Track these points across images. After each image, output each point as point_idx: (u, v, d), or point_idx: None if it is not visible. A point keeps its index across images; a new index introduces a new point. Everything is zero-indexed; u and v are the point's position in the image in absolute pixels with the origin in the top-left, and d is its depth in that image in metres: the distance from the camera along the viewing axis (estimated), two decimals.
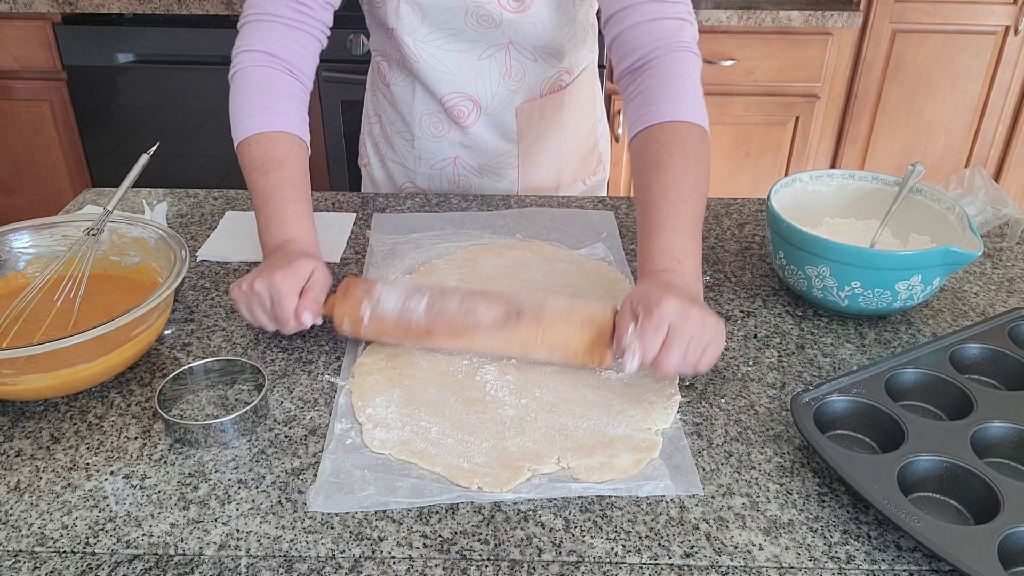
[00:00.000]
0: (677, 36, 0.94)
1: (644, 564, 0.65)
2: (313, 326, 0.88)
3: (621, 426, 0.78)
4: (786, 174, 2.33)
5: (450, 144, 1.22)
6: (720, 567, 0.65)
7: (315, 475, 0.73)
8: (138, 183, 0.98)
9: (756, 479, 0.73)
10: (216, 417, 0.78)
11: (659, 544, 0.67)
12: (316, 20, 1.03)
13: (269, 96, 0.98)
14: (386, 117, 1.26)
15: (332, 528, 0.68)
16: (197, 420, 0.78)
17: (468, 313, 0.83)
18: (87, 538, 0.67)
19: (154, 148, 0.97)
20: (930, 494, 0.71)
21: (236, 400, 0.82)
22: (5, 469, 0.74)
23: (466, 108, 1.17)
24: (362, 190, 1.39)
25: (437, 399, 0.81)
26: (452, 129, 1.20)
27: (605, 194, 1.40)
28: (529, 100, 1.19)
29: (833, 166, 2.60)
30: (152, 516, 0.69)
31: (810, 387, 0.79)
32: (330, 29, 1.06)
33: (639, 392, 0.82)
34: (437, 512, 0.69)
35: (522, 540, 0.67)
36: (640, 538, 0.67)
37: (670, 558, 0.65)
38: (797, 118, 2.46)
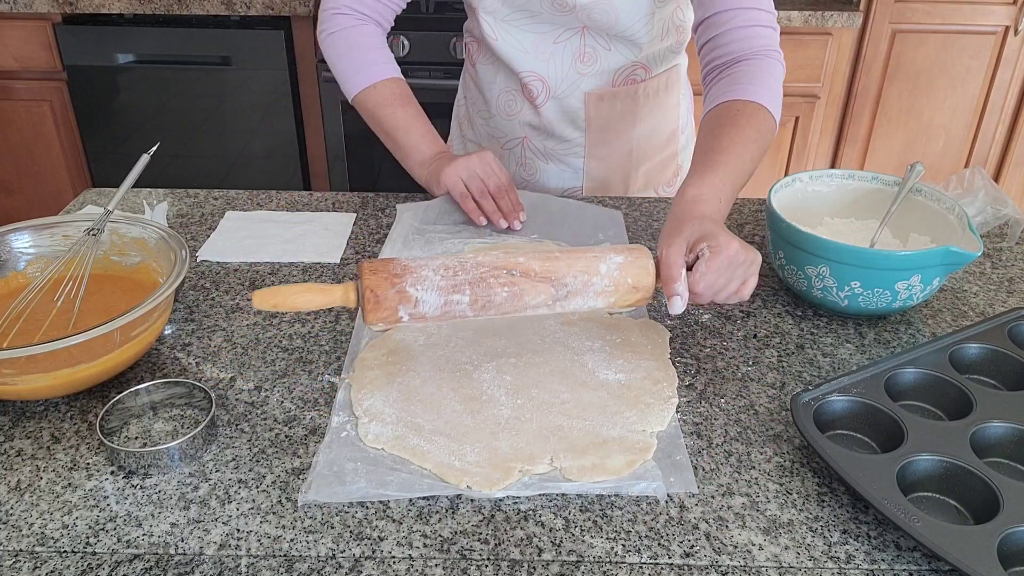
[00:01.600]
0: (769, 44, 1.04)
1: (644, 564, 0.65)
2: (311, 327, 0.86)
3: (616, 427, 0.77)
4: (786, 174, 2.33)
5: (520, 124, 1.26)
6: (720, 567, 0.65)
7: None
8: (138, 183, 0.98)
9: (756, 479, 0.73)
10: (162, 442, 0.76)
11: (659, 544, 0.67)
12: (359, 14, 1.17)
13: (371, 52, 1.17)
14: (469, 97, 1.34)
15: (332, 528, 0.68)
16: (144, 447, 0.74)
17: (515, 298, 0.80)
18: (87, 538, 0.67)
19: (154, 148, 0.97)
20: (930, 494, 0.71)
21: (183, 422, 0.80)
22: (5, 469, 0.74)
23: (536, 88, 1.21)
24: None
25: (434, 396, 0.81)
26: (524, 108, 1.25)
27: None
28: (599, 88, 1.21)
29: (833, 166, 2.60)
30: (152, 516, 0.69)
31: (810, 387, 0.79)
32: None
33: (636, 394, 0.82)
34: (437, 512, 0.69)
35: (522, 540, 0.67)
36: (640, 538, 0.67)
37: (670, 558, 0.65)
38: (797, 118, 2.46)
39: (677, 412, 0.80)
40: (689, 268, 0.81)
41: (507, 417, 0.79)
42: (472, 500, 0.70)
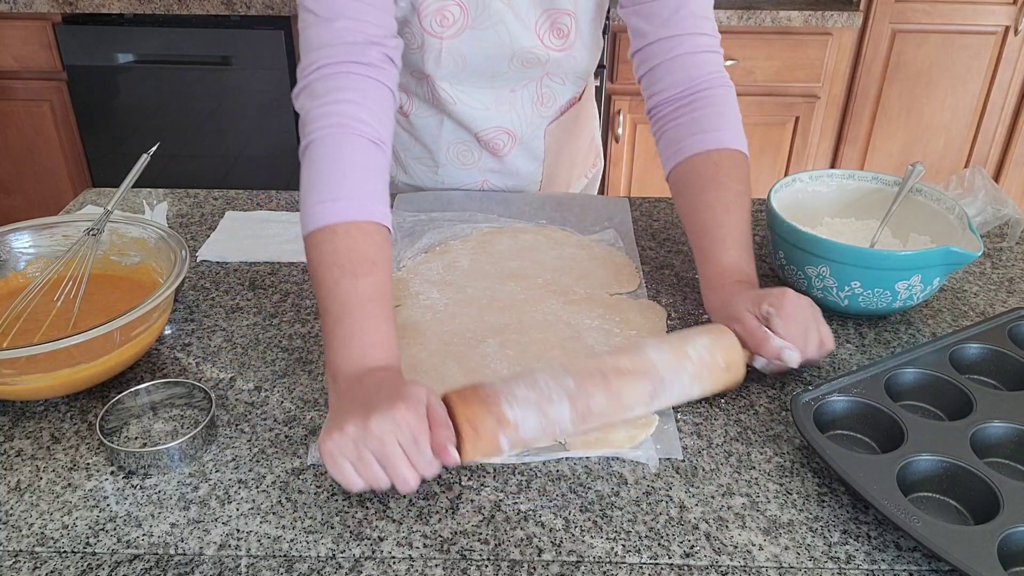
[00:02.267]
0: (716, 69, 0.96)
1: (644, 564, 0.65)
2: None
3: None
4: (786, 174, 2.33)
5: (479, 170, 1.22)
6: (720, 567, 0.65)
7: (316, 475, 0.73)
8: (138, 183, 0.98)
9: (756, 479, 0.73)
10: (161, 443, 0.76)
11: (659, 544, 0.67)
12: (395, 67, 0.89)
13: (358, 174, 0.81)
14: (399, 143, 1.23)
15: (332, 528, 0.68)
16: (144, 447, 0.74)
17: (615, 399, 0.74)
18: (87, 538, 0.67)
19: (154, 148, 0.97)
20: (930, 494, 0.71)
21: (183, 423, 0.80)
22: (5, 469, 0.74)
23: (502, 140, 1.17)
24: None
25: (439, 367, 0.85)
26: (484, 157, 1.20)
27: (597, 186, 1.43)
28: (554, 120, 1.19)
29: (833, 166, 2.60)
30: (152, 516, 0.69)
31: (810, 387, 0.79)
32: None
33: None
34: (437, 512, 0.69)
35: (522, 540, 0.67)
36: (640, 538, 0.67)
37: (670, 558, 0.65)
38: (797, 118, 2.46)
39: (676, 411, 0.80)
40: None
41: None
42: (472, 500, 0.70)
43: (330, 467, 0.66)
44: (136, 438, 0.78)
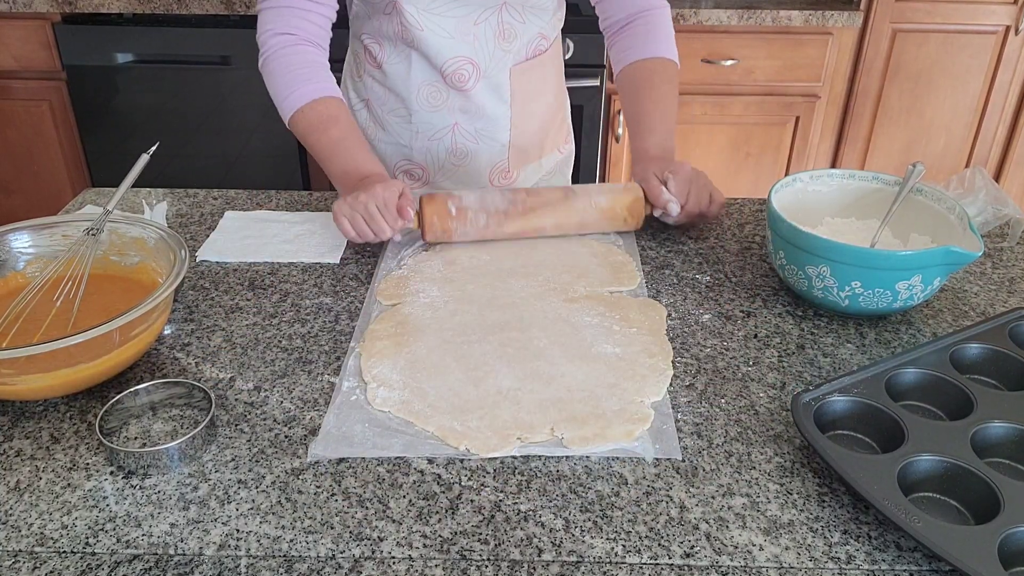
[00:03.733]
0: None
1: (644, 564, 0.65)
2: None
3: (614, 398, 0.81)
4: (786, 174, 2.33)
5: (449, 111, 1.26)
6: (720, 567, 0.65)
7: (315, 475, 0.73)
8: (138, 183, 0.98)
9: (756, 479, 0.73)
10: (161, 443, 0.76)
11: (659, 544, 0.67)
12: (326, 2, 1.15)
13: (304, 69, 1.13)
14: (375, 99, 1.29)
15: (332, 528, 0.68)
16: (144, 447, 0.75)
17: (535, 193, 1.08)
18: (87, 538, 0.67)
19: (154, 148, 0.97)
20: (930, 494, 0.71)
21: (182, 423, 0.80)
22: (5, 469, 0.74)
23: (467, 72, 1.22)
24: None
25: (439, 365, 0.86)
26: (452, 95, 1.24)
27: (571, 172, 1.47)
28: (519, 62, 1.25)
29: (833, 166, 2.60)
30: (152, 516, 0.69)
31: (810, 387, 0.79)
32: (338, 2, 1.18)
33: (632, 367, 0.85)
34: (437, 512, 0.69)
35: (522, 540, 0.67)
36: (640, 538, 0.67)
37: (670, 558, 0.65)
38: (797, 118, 2.46)
39: (677, 411, 0.80)
40: None
41: (508, 387, 0.83)
42: (472, 500, 0.70)
43: (336, 222, 1.03)
44: (136, 438, 0.78)
